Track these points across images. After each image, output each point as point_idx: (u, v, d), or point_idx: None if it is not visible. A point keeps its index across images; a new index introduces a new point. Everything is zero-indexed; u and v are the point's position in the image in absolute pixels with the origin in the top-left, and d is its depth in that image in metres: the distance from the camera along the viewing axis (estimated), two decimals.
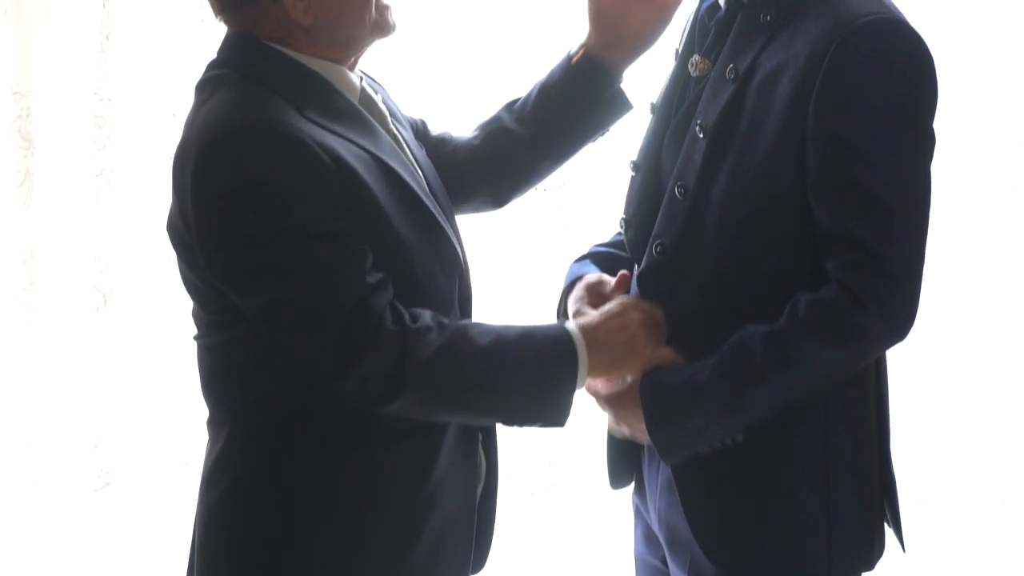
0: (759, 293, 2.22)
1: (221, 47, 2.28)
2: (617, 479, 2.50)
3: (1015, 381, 3.68)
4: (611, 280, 2.44)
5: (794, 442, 2.25)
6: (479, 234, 3.51)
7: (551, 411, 2.22)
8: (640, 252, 2.37)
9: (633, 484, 2.51)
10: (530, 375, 2.20)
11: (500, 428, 2.42)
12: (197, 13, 3.59)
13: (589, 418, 2.47)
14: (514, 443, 3.43)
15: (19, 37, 3.60)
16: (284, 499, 2.24)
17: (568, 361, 2.21)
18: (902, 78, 2.14)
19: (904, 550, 2.41)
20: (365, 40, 2.28)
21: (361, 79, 2.34)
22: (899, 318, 2.17)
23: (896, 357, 2.36)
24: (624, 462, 2.47)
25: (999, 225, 3.67)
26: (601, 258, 2.54)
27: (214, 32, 3.31)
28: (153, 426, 3.71)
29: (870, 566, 2.34)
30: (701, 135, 2.24)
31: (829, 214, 2.15)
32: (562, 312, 2.49)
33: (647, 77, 2.63)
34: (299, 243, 2.10)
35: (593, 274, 2.48)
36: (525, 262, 3.79)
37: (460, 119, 2.71)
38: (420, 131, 2.58)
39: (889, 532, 2.38)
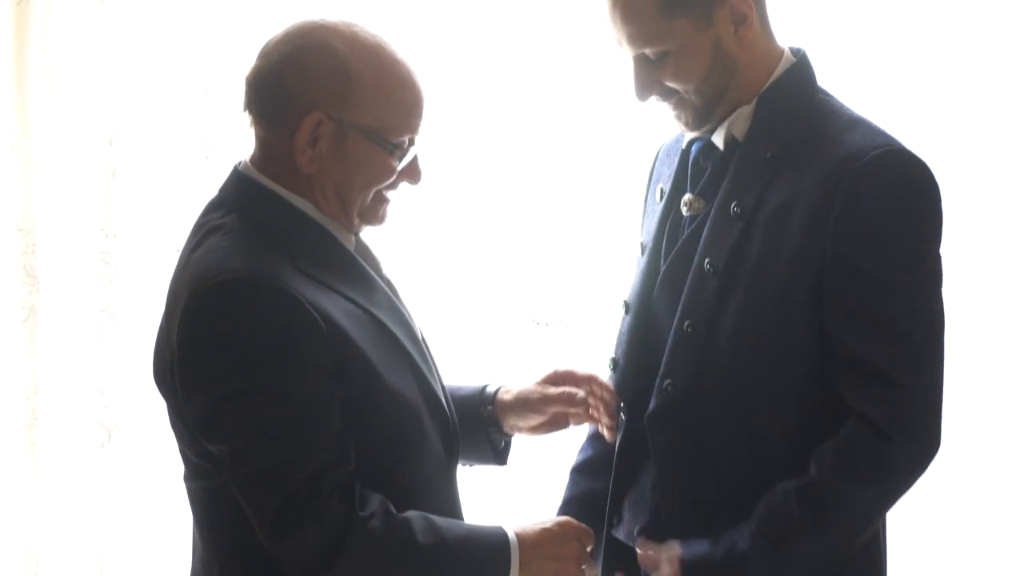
0: (774, 421, 2.25)
1: (222, 187, 2.28)
2: None
3: (1011, 499, 3.68)
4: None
5: None
6: (478, 368, 3.53)
7: None
8: (629, 393, 2.38)
9: None
10: None
11: None
12: (202, 151, 3.64)
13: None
14: None
15: (24, 173, 3.64)
16: None
17: (500, 572, 2.21)
18: (916, 209, 2.20)
19: None
20: (353, 218, 2.25)
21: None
22: (926, 443, 2.20)
23: None
24: None
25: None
26: None
27: (219, 170, 3.35)
28: (156, 561, 3.69)
29: None
30: (711, 273, 2.26)
31: (848, 344, 2.19)
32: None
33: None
34: (272, 403, 2.10)
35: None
36: None
37: None
38: None
39: None
